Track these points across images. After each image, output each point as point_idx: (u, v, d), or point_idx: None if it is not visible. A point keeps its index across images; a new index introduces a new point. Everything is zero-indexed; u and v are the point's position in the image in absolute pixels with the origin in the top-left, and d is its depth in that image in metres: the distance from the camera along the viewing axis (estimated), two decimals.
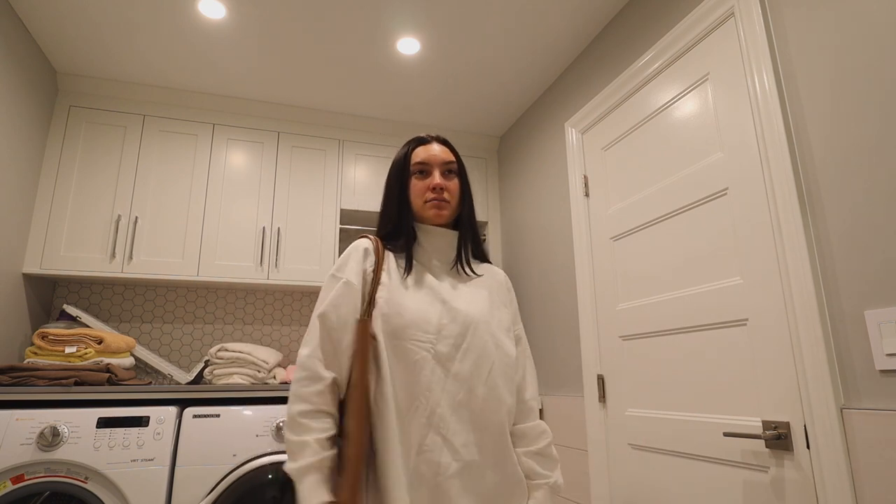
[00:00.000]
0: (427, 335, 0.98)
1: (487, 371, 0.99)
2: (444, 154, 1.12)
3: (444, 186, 1.08)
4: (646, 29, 1.88)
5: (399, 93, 2.63)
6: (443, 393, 0.95)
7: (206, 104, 2.62)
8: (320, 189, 2.71)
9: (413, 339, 0.97)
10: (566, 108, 2.38)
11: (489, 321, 1.04)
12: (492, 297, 1.10)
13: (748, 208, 1.42)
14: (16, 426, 1.71)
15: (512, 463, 1.00)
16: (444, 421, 0.94)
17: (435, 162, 1.10)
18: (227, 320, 2.73)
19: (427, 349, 0.97)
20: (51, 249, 2.26)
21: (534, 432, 1.06)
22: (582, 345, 2.08)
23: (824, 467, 1.16)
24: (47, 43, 2.22)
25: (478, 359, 0.99)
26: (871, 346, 1.10)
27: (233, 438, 1.89)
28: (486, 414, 0.97)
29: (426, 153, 1.11)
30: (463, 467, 0.94)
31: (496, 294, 1.12)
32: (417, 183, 1.10)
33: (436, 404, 0.95)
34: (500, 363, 1.02)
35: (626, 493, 1.80)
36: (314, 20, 2.09)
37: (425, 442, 0.93)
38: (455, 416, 0.95)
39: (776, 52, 1.38)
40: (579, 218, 2.17)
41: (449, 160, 1.11)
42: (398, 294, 1.02)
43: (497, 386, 1.00)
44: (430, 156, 1.11)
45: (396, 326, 0.98)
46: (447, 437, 0.94)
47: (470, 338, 1.00)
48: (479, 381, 0.98)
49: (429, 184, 1.09)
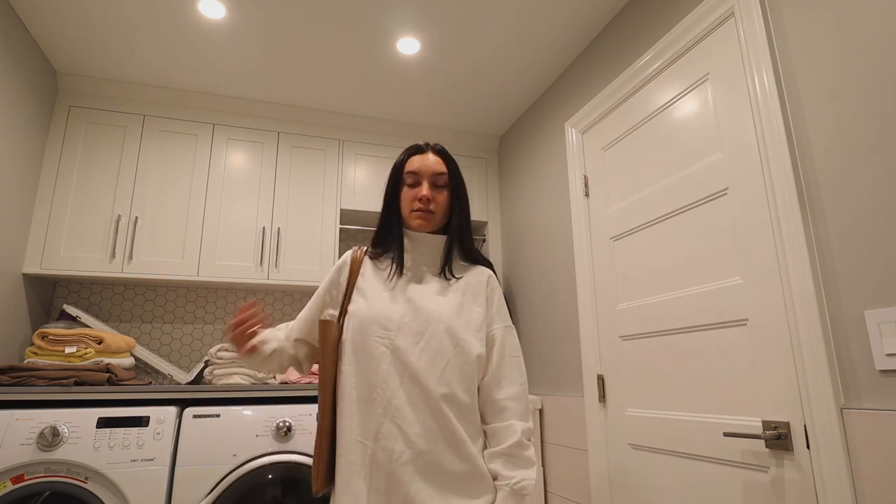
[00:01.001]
0: (387, 332, 1.06)
1: (442, 367, 1.04)
2: (436, 165, 1.16)
3: (431, 198, 1.13)
4: (646, 29, 1.88)
5: (399, 93, 2.63)
6: (399, 386, 1.03)
7: (206, 104, 2.62)
8: (320, 189, 2.71)
9: (374, 336, 1.06)
10: (566, 108, 2.38)
11: (453, 321, 1.08)
12: (464, 298, 1.13)
13: (748, 208, 1.42)
14: (16, 426, 1.71)
15: (470, 456, 1.02)
16: (400, 411, 1.01)
17: (425, 173, 1.15)
18: (228, 320, 2.73)
19: (386, 345, 1.05)
20: (51, 249, 2.26)
21: (505, 432, 1.05)
22: (582, 345, 2.08)
23: (824, 467, 1.16)
24: (47, 43, 2.22)
25: (434, 355, 1.05)
26: (871, 346, 1.10)
27: (233, 438, 1.89)
28: (439, 407, 1.02)
29: (419, 163, 1.16)
30: (416, 455, 0.99)
31: (472, 294, 1.15)
32: (408, 192, 1.16)
33: (391, 395, 1.02)
34: (455, 360, 1.06)
35: (626, 493, 1.80)
36: (314, 20, 2.09)
37: (381, 430, 1.01)
38: (410, 406, 1.02)
39: (776, 52, 1.38)
40: (579, 218, 2.17)
41: (440, 171, 1.16)
42: (370, 297, 1.12)
43: (450, 382, 1.04)
44: (422, 166, 1.16)
45: (360, 324, 1.08)
46: (402, 427, 1.00)
47: (428, 335, 1.06)
48: (432, 376, 1.03)
49: (416, 194, 1.14)
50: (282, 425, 1.94)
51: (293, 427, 1.96)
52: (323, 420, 1.07)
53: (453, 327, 1.07)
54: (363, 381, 1.04)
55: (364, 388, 1.04)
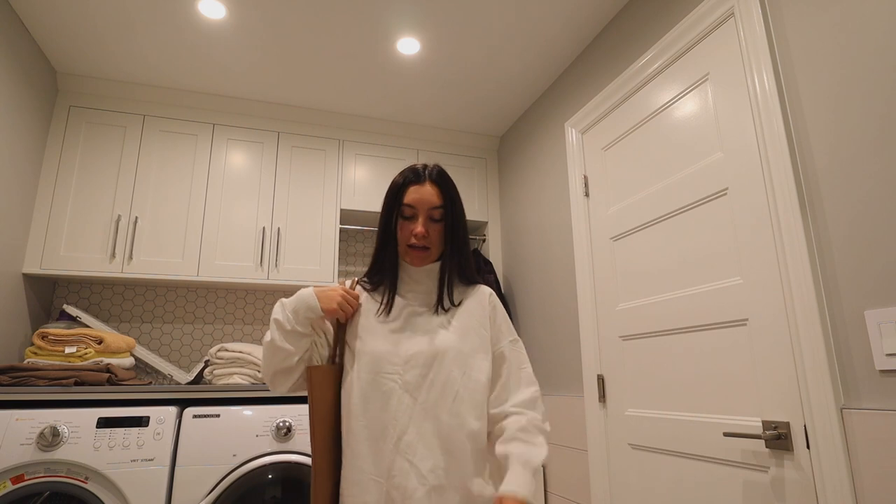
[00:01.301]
0: (395, 367, 1.05)
1: (451, 399, 1.03)
2: (432, 198, 1.13)
3: (426, 234, 1.12)
4: (646, 29, 1.88)
5: (399, 93, 2.63)
6: (410, 421, 1.01)
7: (206, 104, 2.62)
8: (320, 189, 2.71)
9: (384, 373, 1.05)
10: (566, 108, 2.38)
11: (459, 349, 1.07)
12: (469, 323, 1.12)
13: (748, 208, 1.42)
14: (16, 426, 1.71)
15: (478, 484, 1.02)
16: (411, 447, 1.00)
17: (422, 207, 1.12)
18: (227, 320, 2.74)
19: (395, 380, 1.04)
20: (51, 249, 2.26)
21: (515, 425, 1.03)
22: (582, 345, 2.08)
23: (824, 467, 1.16)
24: (47, 43, 2.22)
25: (443, 388, 1.04)
26: (871, 346, 1.10)
27: (233, 438, 1.89)
28: (451, 440, 1.01)
29: (416, 195, 1.13)
30: (429, 490, 0.98)
31: (475, 318, 1.13)
32: (404, 225, 1.14)
33: (402, 431, 1.01)
34: (465, 390, 1.05)
35: (626, 493, 1.80)
36: (314, 20, 2.09)
37: (394, 468, 0.99)
38: (422, 442, 1.00)
39: (776, 53, 1.38)
40: (579, 218, 2.17)
41: (436, 205, 1.12)
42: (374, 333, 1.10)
43: (460, 413, 1.03)
44: (419, 199, 1.12)
45: (369, 362, 1.06)
46: (414, 463, 0.99)
47: (437, 368, 1.05)
48: (443, 409, 1.02)
49: (412, 229, 1.12)
50: (282, 425, 1.94)
51: (293, 427, 1.96)
52: (321, 461, 1.04)
53: (460, 354, 1.06)
54: (374, 419, 1.02)
55: (375, 426, 1.02)
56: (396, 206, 1.15)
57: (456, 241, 1.16)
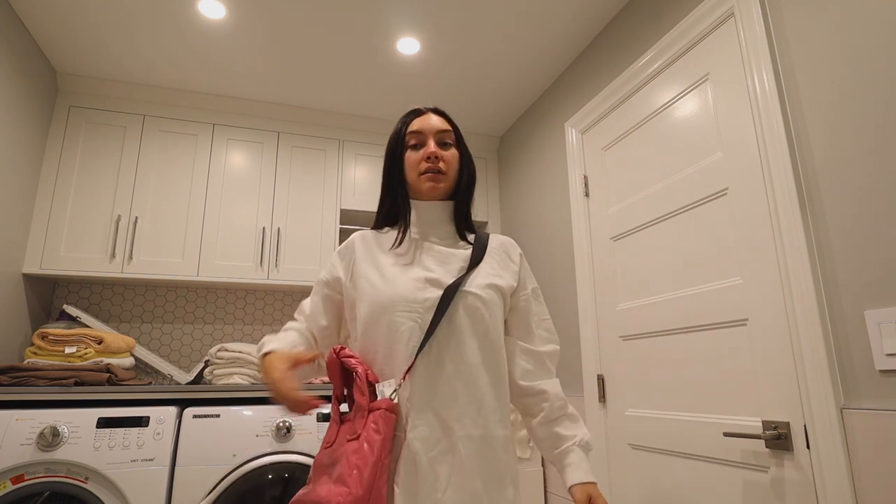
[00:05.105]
0: (415, 304, 0.97)
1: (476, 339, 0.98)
2: (440, 123, 1.08)
3: (440, 155, 1.05)
4: (646, 29, 1.88)
5: (399, 93, 2.63)
6: (428, 364, 0.95)
7: (206, 104, 2.62)
8: (320, 189, 2.71)
9: (400, 311, 0.97)
10: (566, 108, 2.38)
11: (477, 289, 1.00)
12: (488, 263, 1.07)
13: (748, 208, 1.42)
14: (16, 426, 1.70)
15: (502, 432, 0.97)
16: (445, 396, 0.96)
17: (430, 131, 1.06)
18: (227, 320, 2.74)
19: (415, 319, 0.96)
20: (51, 249, 2.26)
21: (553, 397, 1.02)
22: (582, 345, 2.08)
23: (824, 467, 1.16)
24: (47, 43, 2.22)
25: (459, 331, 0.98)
26: (871, 346, 1.10)
27: (233, 438, 1.89)
28: (469, 386, 0.95)
29: (421, 123, 1.07)
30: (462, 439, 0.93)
31: (494, 260, 1.09)
32: (412, 155, 1.07)
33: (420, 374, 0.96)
34: (484, 332, 0.99)
35: (626, 493, 1.80)
36: (314, 20, 2.09)
37: None
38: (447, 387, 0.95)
39: (776, 53, 1.38)
40: (579, 218, 2.17)
41: (444, 128, 1.07)
42: (383, 274, 1.02)
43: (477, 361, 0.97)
44: (426, 125, 1.07)
45: (382, 303, 0.98)
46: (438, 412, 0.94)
47: (452, 308, 0.98)
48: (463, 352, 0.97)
49: (423, 154, 1.05)
50: (282, 425, 1.94)
51: (293, 427, 1.96)
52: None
53: (480, 296, 1.00)
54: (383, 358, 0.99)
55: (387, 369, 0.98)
56: (400, 142, 1.08)
57: (471, 172, 1.10)
